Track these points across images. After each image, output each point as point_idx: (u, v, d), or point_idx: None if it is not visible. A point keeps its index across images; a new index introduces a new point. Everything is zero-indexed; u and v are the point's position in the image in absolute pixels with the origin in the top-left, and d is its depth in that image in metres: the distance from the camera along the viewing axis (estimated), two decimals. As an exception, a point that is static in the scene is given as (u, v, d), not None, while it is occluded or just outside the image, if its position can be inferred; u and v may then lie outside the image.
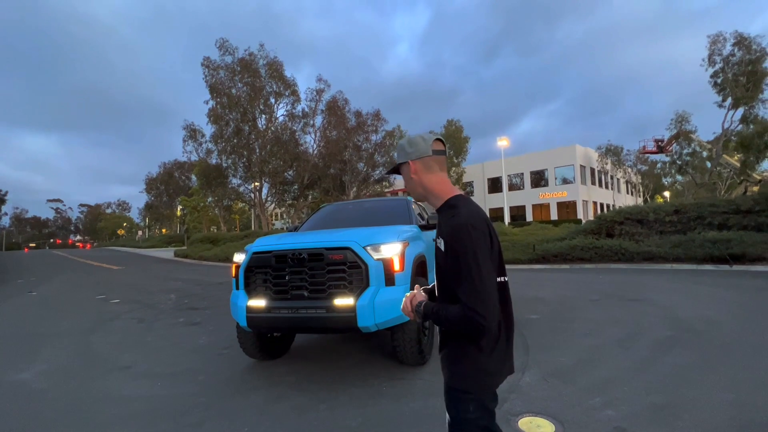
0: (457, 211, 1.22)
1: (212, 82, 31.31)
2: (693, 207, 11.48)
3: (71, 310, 7.58)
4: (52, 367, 4.12)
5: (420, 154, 1.30)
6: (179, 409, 2.94)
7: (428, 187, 1.31)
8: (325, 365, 3.76)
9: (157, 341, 5.00)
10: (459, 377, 1.23)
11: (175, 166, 58.07)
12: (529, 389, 2.94)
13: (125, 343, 5.00)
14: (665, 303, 5.66)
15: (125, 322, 6.15)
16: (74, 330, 5.74)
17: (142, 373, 3.80)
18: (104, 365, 4.10)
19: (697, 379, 3.00)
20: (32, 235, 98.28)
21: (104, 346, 4.85)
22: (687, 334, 4.13)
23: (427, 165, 1.30)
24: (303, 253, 3.18)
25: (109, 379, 3.69)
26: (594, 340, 4.11)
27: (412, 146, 1.31)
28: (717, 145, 29.83)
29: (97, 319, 6.49)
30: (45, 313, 7.33)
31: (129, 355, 4.41)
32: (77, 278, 13.86)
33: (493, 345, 1.21)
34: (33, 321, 6.64)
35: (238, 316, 3.33)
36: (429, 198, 1.32)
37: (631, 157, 41.75)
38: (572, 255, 11.60)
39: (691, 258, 9.91)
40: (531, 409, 2.61)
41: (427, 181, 1.31)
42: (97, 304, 7.96)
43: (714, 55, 27.99)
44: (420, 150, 1.30)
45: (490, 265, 1.16)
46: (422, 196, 1.33)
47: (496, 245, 1.22)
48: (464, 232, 1.15)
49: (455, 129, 40.27)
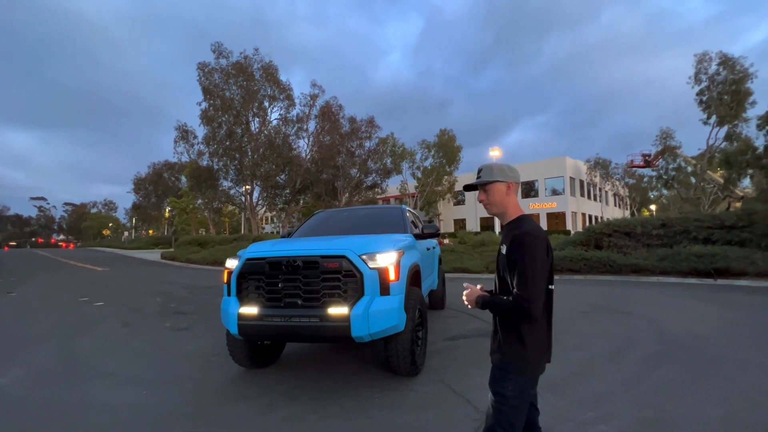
0: (524, 224, 1.56)
1: (206, 84, 31.12)
2: (679, 221, 11.72)
3: (53, 312, 7.35)
4: (31, 372, 3.96)
5: (516, 180, 1.64)
6: (166, 419, 2.85)
7: (509, 206, 1.62)
8: (316, 375, 3.70)
9: (143, 346, 4.87)
10: (506, 361, 1.54)
11: (165, 167, 57.29)
12: (522, 402, 2.92)
13: (109, 347, 4.85)
14: (653, 316, 5.73)
15: (109, 326, 5.98)
16: (55, 333, 5.56)
17: (126, 380, 3.68)
18: (87, 371, 3.97)
19: (687, 394, 3.03)
20: (13, 233, 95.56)
21: (87, 351, 4.70)
22: (676, 349, 4.18)
23: (515, 189, 1.65)
24: (297, 261, 3.14)
25: (91, 385, 3.57)
26: (585, 353, 4.13)
27: (512, 171, 1.64)
28: (702, 161, 30.67)
29: (79, 322, 6.30)
30: (25, 315, 7.09)
31: (113, 361, 4.28)
32: (59, 279, 13.48)
33: (534, 340, 1.50)
34: (11, 323, 6.42)
35: (229, 324, 3.26)
36: (506, 213, 1.63)
37: (619, 170, 42.64)
38: (561, 266, 11.71)
39: (676, 271, 10.09)
40: (524, 423, 2.59)
41: (510, 200, 1.63)
42: (79, 307, 7.74)
43: (700, 73, 28.90)
44: (516, 177, 1.64)
45: (543, 270, 1.46)
46: (501, 211, 1.63)
47: (550, 257, 1.51)
48: (528, 238, 1.47)
49: (448, 138, 40.66)
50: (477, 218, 43.13)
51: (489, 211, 1.66)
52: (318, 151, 33.83)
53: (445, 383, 3.33)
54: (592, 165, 40.56)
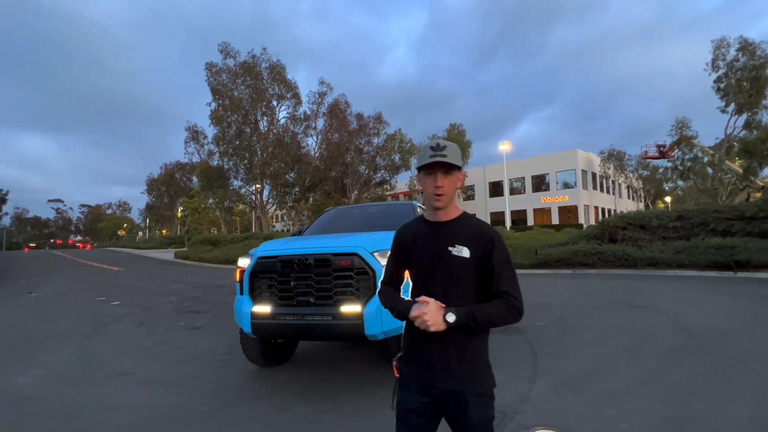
0: (479, 221, 1.39)
1: (214, 85, 31.34)
2: (696, 213, 11.42)
3: (71, 312, 7.50)
4: (51, 371, 4.04)
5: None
6: (182, 418, 2.86)
7: (454, 197, 1.39)
8: (329, 373, 3.68)
9: (158, 346, 4.92)
10: (489, 378, 1.33)
11: (177, 168, 58.05)
12: (540, 400, 2.86)
13: (125, 347, 4.92)
14: (672, 310, 5.59)
15: (125, 326, 6.08)
16: (73, 333, 5.67)
17: (142, 380, 3.72)
18: (104, 370, 4.02)
19: (712, 391, 2.92)
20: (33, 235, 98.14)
21: (104, 351, 4.77)
22: (698, 344, 4.06)
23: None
24: (309, 259, 3.12)
25: (109, 385, 3.62)
26: (602, 349, 4.03)
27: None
28: (719, 150, 29.79)
29: (96, 321, 6.42)
30: (44, 315, 7.25)
31: (129, 360, 4.34)
32: (77, 279, 13.78)
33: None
34: (32, 323, 6.56)
35: (242, 322, 3.26)
36: (450, 207, 1.38)
37: (632, 162, 41.73)
38: (575, 260, 11.53)
39: (694, 264, 9.84)
40: (544, 421, 2.54)
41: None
42: (96, 306, 7.89)
43: (717, 60, 27.97)
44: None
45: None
46: (448, 203, 1.36)
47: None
48: (499, 236, 1.33)
49: (458, 133, 40.30)
50: (487, 213, 42.76)
51: (439, 203, 1.32)
52: (326, 148, 33.84)
53: (460, 381, 3.28)
54: (605, 157, 39.76)
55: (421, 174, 1.35)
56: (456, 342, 1.29)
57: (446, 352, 1.30)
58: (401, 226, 1.52)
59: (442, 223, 1.37)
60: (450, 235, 1.34)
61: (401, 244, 1.46)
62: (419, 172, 1.36)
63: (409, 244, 1.42)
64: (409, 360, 1.38)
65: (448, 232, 1.34)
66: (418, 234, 1.41)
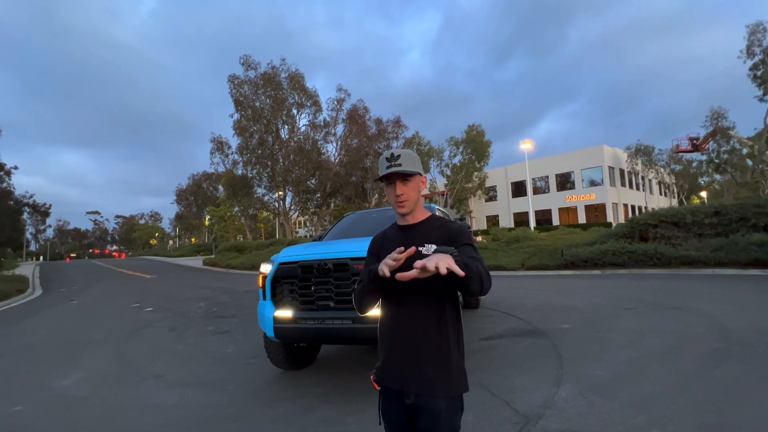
0: (449, 220, 1.50)
1: (237, 96, 32.35)
2: (735, 208, 10.81)
3: (108, 318, 7.91)
4: (91, 374, 4.28)
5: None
6: (210, 419, 2.97)
7: (419, 202, 1.45)
8: (352, 376, 3.73)
9: (188, 350, 5.12)
10: (461, 383, 1.31)
11: (204, 178, 60.15)
12: (566, 405, 2.79)
13: (158, 351, 5.15)
14: (709, 311, 5.31)
15: (158, 330, 6.35)
16: (111, 338, 5.98)
17: (174, 382, 3.89)
18: (139, 373, 4.23)
19: (752, 397, 2.77)
20: (73, 245, 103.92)
21: (139, 354, 5.01)
22: (737, 347, 3.84)
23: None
24: (328, 263, 3.18)
25: (143, 387, 3.80)
26: (633, 352, 3.88)
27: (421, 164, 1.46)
28: (759, 141, 28.10)
29: (131, 327, 6.74)
30: (84, 321, 7.67)
31: (162, 363, 4.54)
32: (113, 287, 14.49)
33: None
34: (74, 329, 6.97)
35: (265, 327, 3.36)
36: (415, 211, 1.44)
37: (663, 156, 39.94)
38: (603, 260, 11.14)
39: (734, 262, 9.31)
40: (569, 427, 2.48)
41: (419, 197, 1.45)
42: (131, 313, 8.28)
43: (753, 46, 26.51)
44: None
45: None
46: (413, 208, 1.42)
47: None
48: (468, 230, 1.46)
49: (477, 134, 39.87)
50: (510, 214, 41.94)
51: (403, 209, 1.39)
52: (346, 154, 34.25)
53: (482, 385, 3.25)
54: (632, 152, 38.24)
55: (383, 184, 1.43)
56: (429, 344, 1.31)
57: (419, 353, 1.31)
58: (377, 233, 1.57)
59: (411, 225, 1.45)
60: (418, 236, 1.40)
61: (376, 249, 1.51)
62: (381, 182, 1.43)
63: (383, 249, 1.44)
64: (385, 370, 1.41)
65: (417, 234, 1.41)
66: (391, 238, 1.46)
